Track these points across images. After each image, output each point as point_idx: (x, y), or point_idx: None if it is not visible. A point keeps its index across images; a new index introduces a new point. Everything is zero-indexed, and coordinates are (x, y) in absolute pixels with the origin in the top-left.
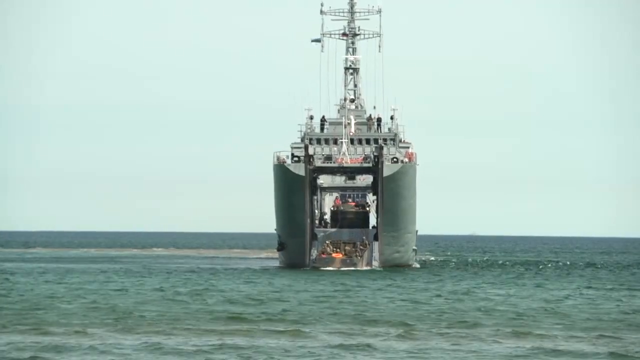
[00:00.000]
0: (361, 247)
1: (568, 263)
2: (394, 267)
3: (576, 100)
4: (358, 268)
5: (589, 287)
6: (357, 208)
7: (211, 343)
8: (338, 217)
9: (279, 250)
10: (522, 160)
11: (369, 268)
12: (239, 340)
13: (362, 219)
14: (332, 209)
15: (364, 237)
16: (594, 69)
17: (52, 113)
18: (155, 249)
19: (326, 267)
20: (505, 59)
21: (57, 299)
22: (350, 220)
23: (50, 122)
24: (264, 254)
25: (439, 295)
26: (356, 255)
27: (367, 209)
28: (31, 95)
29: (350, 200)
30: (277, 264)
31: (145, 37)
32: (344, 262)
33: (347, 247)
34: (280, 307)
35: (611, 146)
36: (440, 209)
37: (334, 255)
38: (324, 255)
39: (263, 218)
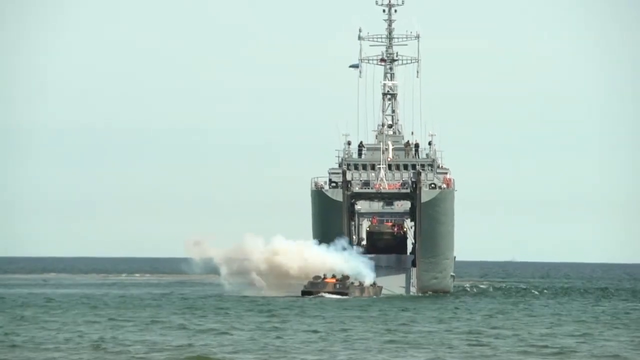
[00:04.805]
0: (355, 284)
1: None
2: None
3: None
4: (351, 296)
5: None
6: (394, 229)
7: None
8: (374, 238)
9: None
10: (557, 184)
11: (359, 296)
12: None
13: (399, 240)
14: (367, 229)
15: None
16: (627, 91)
17: (52, 135)
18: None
19: (318, 291)
20: (540, 82)
21: None
22: (386, 241)
23: (51, 144)
24: None
25: None
26: (352, 284)
27: (404, 229)
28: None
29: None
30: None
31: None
32: (335, 288)
33: (343, 274)
34: None
35: None
36: (477, 234)
37: (326, 280)
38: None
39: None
